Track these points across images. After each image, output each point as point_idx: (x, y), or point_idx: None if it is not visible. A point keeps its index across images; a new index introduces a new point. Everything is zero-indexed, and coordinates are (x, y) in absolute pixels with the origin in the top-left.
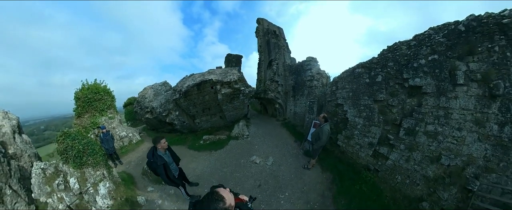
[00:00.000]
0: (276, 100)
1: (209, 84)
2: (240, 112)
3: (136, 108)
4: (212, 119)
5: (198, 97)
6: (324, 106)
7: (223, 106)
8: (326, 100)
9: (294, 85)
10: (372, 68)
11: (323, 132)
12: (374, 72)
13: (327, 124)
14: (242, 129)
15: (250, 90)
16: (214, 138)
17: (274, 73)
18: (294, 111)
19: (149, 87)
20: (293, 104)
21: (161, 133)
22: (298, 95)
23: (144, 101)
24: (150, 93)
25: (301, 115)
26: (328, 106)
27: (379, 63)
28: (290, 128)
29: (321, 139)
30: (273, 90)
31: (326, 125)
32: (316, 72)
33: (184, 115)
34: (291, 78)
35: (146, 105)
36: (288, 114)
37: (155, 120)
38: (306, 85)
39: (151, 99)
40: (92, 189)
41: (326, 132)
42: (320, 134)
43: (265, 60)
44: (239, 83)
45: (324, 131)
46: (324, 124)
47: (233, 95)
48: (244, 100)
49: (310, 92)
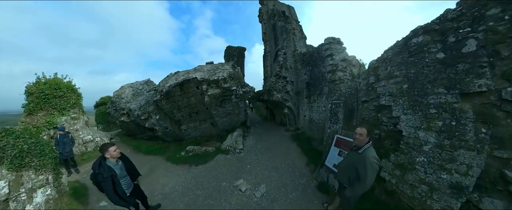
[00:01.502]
0: (284, 103)
1: (193, 84)
2: (235, 118)
3: (110, 109)
4: (201, 125)
5: (182, 99)
6: (356, 110)
7: (213, 110)
8: (359, 100)
9: (309, 81)
10: (448, 30)
11: (367, 164)
12: (455, 36)
13: (370, 147)
14: (236, 140)
15: (247, 90)
16: (199, 149)
17: (281, 66)
18: (309, 117)
19: (128, 86)
20: (307, 108)
21: (140, 140)
22: (314, 95)
23: (120, 102)
24: (128, 93)
25: (320, 124)
26: (363, 109)
27: (463, 17)
28: (302, 142)
29: (363, 178)
30: (279, 90)
31: (370, 148)
32: (340, 60)
33: (167, 119)
34: (304, 72)
35: (122, 106)
36: (301, 121)
37: (132, 124)
38: (326, 79)
39: (128, 100)
40: (24, 195)
41: (374, 165)
42: (360, 168)
43: (272, 51)
44: (229, 81)
45: (370, 163)
46: (366, 146)
47: (223, 97)
48: (239, 104)
49: (333, 90)
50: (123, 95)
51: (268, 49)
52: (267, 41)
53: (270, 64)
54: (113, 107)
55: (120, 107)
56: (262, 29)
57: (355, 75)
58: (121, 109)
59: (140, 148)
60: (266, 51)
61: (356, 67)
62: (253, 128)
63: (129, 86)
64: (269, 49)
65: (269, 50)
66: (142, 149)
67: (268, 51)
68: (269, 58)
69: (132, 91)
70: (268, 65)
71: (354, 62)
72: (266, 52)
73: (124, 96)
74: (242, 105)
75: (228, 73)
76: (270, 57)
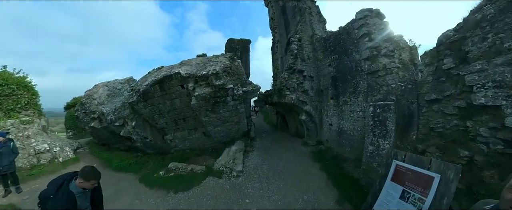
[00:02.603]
0: (300, 106)
1: (177, 82)
2: (234, 127)
3: (79, 112)
4: (190, 135)
5: (164, 101)
6: (417, 116)
7: (203, 116)
8: (423, 100)
9: (336, 75)
10: None
11: None
12: None
13: None
14: (234, 157)
15: (249, 90)
16: (184, 168)
17: (295, 56)
18: (338, 126)
19: (102, 85)
20: (335, 113)
21: (114, 151)
22: (345, 94)
23: (91, 103)
24: (102, 93)
25: (355, 136)
26: (430, 114)
27: None
28: (328, 163)
29: None
30: (294, 89)
31: None
32: (382, 40)
33: (146, 127)
34: (328, 63)
35: (93, 109)
36: (325, 132)
37: (105, 131)
38: (362, 71)
39: (102, 101)
40: None
41: None
42: None
43: (282, 40)
44: (223, 77)
45: None
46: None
47: (215, 99)
48: (237, 108)
49: (375, 86)
50: (95, 96)
51: (277, 39)
52: (276, 28)
53: (281, 57)
54: (82, 109)
55: (90, 109)
56: (269, 14)
57: (406, 62)
58: (92, 112)
59: (111, 162)
60: (275, 41)
61: (405, 51)
62: (259, 140)
63: (104, 85)
64: (279, 39)
65: (278, 40)
66: (114, 164)
67: (278, 41)
68: (279, 50)
69: (107, 91)
70: (278, 59)
71: (402, 43)
72: (275, 42)
73: (96, 97)
74: (243, 110)
75: (222, 66)
76: (280, 48)
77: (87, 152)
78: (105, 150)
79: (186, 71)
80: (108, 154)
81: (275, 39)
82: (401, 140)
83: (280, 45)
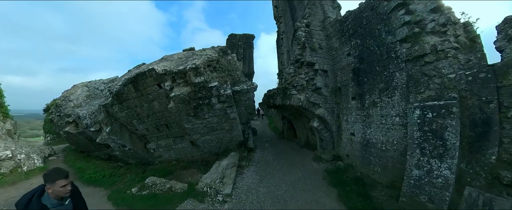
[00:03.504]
0: (310, 109)
1: (152, 80)
2: (225, 135)
3: (53, 115)
4: (176, 145)
5: (141, 103)
6: (496, 124)
7: (185, 122)
8: (507, 96)
9: (358, 66)
10: None
11: None
12: None
13: None
14: (223, 175)
15: (241, 89)
16: (163, 185)
17: (303, 45)
18: (364, 137)
19: (82, 85)
20: (358, 118)
21: (92, 160)
22: (373, 92)
23: (67, 105)
24: (80, 93)
25: (390, 153)
26: None
27: None
28: (349, 190)
29: None
30: (302, 87)
31: None
32: (427, 11)
33: (125, 133)
34: (347, 51)
35: (68, 112)
36: (344, 143)
37: (82, 137)
38: (397, 57)
39: (79, 103)
40: None
41: None
42: None
43: (288, 31)
44: (206, 73)
45: None
46: None
47: (196, 101)
48: (226, 112)
49: (419, 78)
50: (72, 97)
51: (282, 30)
52: (281, 18)
53: (287, 51)
54: (57, 112)
55: (65, 112)
56: (273, 3)
57: (464, 43)
58: (66, 115)
59: (84, 173)
60: (280, 33)
61: (459, 28)
62: (259, 151)
63: (84, 86)
64: (284, 29)
65: (283, 31)
66: (86, 175)
67: (283, 32)
68: (284, 42)
69: (86, 92)
70: (283, 53)
71: (453, 17)
72: (280, 34)
73: (73, 99)
74: (235, 115)
75: (206, 60)
76: (285, 40)
77: (60, 160)
78: (83, 158)
79: (163, 68)
80: (84, 163)
81: (280, 30)
82: (470, 163)
83: (286, 37)
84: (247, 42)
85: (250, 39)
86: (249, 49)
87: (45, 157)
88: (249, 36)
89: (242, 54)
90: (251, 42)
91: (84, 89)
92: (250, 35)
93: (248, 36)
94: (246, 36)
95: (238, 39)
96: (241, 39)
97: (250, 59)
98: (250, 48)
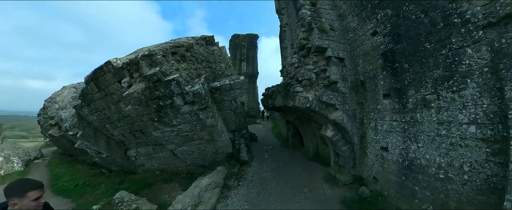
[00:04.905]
0: (323, 113)
1: (111, 76)
2: (208, 146)
3: (41, 117)
4: (156, 153)
5: (107, 105)
6: None
7: (151, 128)
8: None
9: (391, 48)
10: None
11: None
12: None
13: None
14: (199, 200)
15: (222, 85)
16: (129, 204)
17: (308, 27)
18: (405, 154)
19: (70, 87)
20: (395, 125)
21: (76, 165)
22: (421, 85)
23: (52, 107)
24: (67, 95)
25: (453, 187)
26: None
27: None
28: None
29: None
30: (309, 82)
31: None
32: None
33: (100, 139)
34: (371, 29)
35: (52, 114)
36: (371, 162)
37: (65, 141)
38: (465, 23)
39: (64, 105)
40: None
41: None
42: None
43: (291, 22)
44: (166, 63)
45: None
46: None
47: (155, 101)
48: (199, 116)
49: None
50: (58, 99)
51: (285, 22)
52: (283, 9)
53: (291, 44)
54: (43, 114)
55: (50, 114)
56: None
57: None
58: (50, 117)
59: (59, 180)
60: (283, 25)
61: None
62: (256, 164)
63: (72, 87)
64: (287, 21)
65: (286, 23)
66: (60, 183)
67: (286, 24)
68: (288, 35)
69: (73, 93)
70: (286, 47)
71: None
72: (283, 26)
73: (58, 100)
74: (212, 121)
75: (168, 46)
76: (289, 32)
77: (44, 164)
78: (68, 163)
79: (121, 60)
80: (65, 169)
81: (283, 22)
82: None
83: (289, 29)
84: (250, 42)
85: (253, 39)
86: (253, 49)
87: (28, 160)
88: (253, 36)
89: (246, 54)
90: (254, 42)
91: (72, 90)
92: (253, 35)
93: (252, 36)
94: (250, 36)
95: (241, 39)
96: (245, 39)
97: (253, 60)
98: (254, 48)
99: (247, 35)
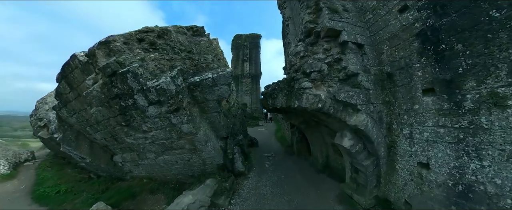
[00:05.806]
0: (338, 116)
1: (80, 72)
2: (192, 157)
3: (32, 119)
4: (142, 160)
5: (83, 106)
6: None
7: (123, 135)
8: None
9: (431, 25)
10: None
11: None
12: None
13: None
14: None
15: (202, 79)
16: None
17: (316, 8)
18: (458, 174)
19: None
20: (444, 133)
21: (66, 169)
22: (484, 75)
23: (42, 109)
24: None
25: None
26: None
27: None
28: None
29: None
30: (320, 75)
31: None
32: None
33: (83, 143)
34: (395, 5)
35: (41, 115)
36: (400, 181)
37: (54, 143)
38: None
39: (54, 106)
40: None
41: None
42: None
43: (294, 15)
44: (129, 51)
45: None
46: None
47: (117, 101)
48: (171, 121)
49: None
50: (49, 99)
51: (287, 15)
52: (285, 3)
53: (294, 38)
54: (35, 115)
55: (39, 115)
56: None
57: None
58: (39, 118)
59: (42, 185)
60: (285, 19)
61: None
62: (254, 176)
63: None
64: (289, 14)
65: (289, 17)
66: (42, 188)
67: (288, 18)
68: (291, 29)
69: None
70: (290, 42)
71: None
72: (285, 20)
73: (49, 101)
74: (188, 128)
75: (133, 33)
76: (292, 26)
77: (35, 167)
78: (58, 166)
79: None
80: (53, 172)
81: (285, 16)
82: None
83: (292, 22)
84: (253, 42)
85: (256, 38)
86: (256, 49)
87: (18, 162)
88: (255, 35)
89: (248, 54)
90: (257, 42)
91: None
92: (256, 34)
93: (254, 36)
94: (252, 36)
95: (243, 39)
96: (247, 39)
97: (256, 60)
98: (257, 48)
99: (250, 35)
